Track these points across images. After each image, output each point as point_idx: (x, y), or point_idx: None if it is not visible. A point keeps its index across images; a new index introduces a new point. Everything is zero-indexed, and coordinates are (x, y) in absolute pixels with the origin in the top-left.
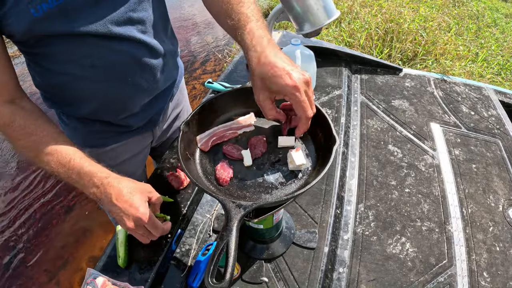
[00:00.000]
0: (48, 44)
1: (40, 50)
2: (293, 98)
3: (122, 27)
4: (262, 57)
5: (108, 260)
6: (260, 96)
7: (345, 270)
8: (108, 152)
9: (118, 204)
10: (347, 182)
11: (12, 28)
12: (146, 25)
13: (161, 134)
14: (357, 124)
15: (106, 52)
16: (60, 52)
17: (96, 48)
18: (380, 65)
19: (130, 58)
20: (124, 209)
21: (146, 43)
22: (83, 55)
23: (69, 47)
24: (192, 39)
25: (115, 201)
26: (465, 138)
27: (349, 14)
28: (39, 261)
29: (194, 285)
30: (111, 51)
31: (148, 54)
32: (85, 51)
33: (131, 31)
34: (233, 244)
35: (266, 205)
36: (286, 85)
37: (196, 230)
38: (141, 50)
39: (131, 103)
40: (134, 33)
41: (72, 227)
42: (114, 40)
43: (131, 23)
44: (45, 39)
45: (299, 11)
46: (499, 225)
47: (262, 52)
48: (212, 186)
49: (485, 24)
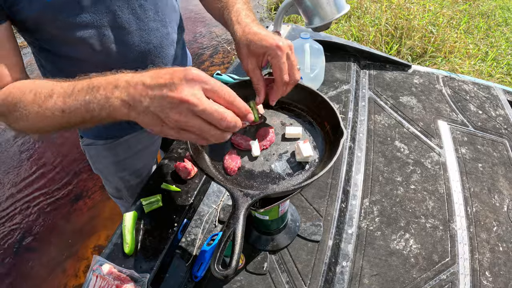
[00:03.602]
0: (61, 36)
1: (52, 43)
2: (274, 58)
3: (135, 15)
4: (246, 28)
5: (114, 247)
6: (249, 65)
7: (348, 264)
8: (122, 144)
9: (155, 80)
10: (353, 176)
11: (23, 13)
12: (159, 13)
13: None
14: (364, 119)
15: (119, 45)
16: (72, 46)
17: (109, 39)
18: (389, 61)
19: (144, 48)
20: (164, 81)
21: (159, 32)
22: (95, 48)
23: (82, 40)
24: (200, 32)
25: (149, 80)
26: (472, 137)
27: (358, 9)
28: (45, 249)
29: (199, 274)
30: (124, 42)
31: (161, 44)
32: (98, 43)
33: (144, 20)
34: (240, 232)
35: (273, 195)
36: (270, 44)
37: (202, 220)
38: (154, 39)
39: None
40: (147, 22)
41: (78, 216)
42: (127, 30)
43: (144, 11)
44: (56, 30)
45: (309, 5)
46: (503, 225)
47: (246, 25)
48: (220, 176)
49: (496, 23)
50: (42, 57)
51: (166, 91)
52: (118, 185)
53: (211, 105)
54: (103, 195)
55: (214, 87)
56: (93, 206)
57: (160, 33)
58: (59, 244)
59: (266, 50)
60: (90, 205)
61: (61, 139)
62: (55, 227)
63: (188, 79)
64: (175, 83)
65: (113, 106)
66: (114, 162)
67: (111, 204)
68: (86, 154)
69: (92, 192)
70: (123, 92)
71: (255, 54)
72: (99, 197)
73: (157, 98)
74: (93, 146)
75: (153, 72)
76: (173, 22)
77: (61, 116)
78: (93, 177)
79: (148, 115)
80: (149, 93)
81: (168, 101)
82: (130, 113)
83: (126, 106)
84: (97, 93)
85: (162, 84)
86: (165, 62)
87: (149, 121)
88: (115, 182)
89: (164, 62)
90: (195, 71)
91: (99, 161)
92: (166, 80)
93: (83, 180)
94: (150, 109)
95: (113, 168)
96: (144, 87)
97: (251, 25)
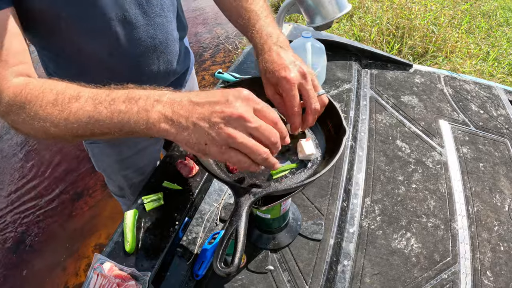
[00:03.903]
0: (67, 29)
1: (57, 36)
2: (284, 91)
3: (142, 9)
4: (267, 55)
5: (115, 246)
6: (268, 91)
7: (349, 263)
8: (126, 142)
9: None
10: (355, 175)
11: (30, 3)
12: (164, 9)
13: None
14: (365, 118)
15: (125, 39)
16: (78, 40)
17: (116, 33)
18: (390, 60)
19: (150, 44)
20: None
21: (164, 27)
22: (102, 42)
23: (88, 33)
24: (202, 31)
25: (197, 98)
26: (473, 137)
27: (360, 8)
28: (46, 248)
29: (200, 273)
30: (130, 36)
31: (166, 40)
32: (105, 37)
33: (150, 15)
34: (242, 230)
35: (275, 192)
36: (280, 77)
37: (203, 218)
38: (160, 35)
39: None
40: (153, 17)
41: (79, 215)
42: (134, 25)
43: (150, 6)
44: (63, 22)
45: (310, 4)
46: (504, 224)
47: (268, 51)
48: (222, 173)
49: (497, 23)
50: (46, 55)
51: (220, 107)
52: (121, 183)
53: (263, 123)
54: (104, 194)
55: (263, 108)
56: (94, 204)
57: (165, 29)
58: (59, 242)
59: (278, 81)
60: (91, 204)
61: None
62: (56, 225)
63: (242, 98)
64: (229, 100)
65: (152, 120)
66: (118, 161)
67: (112, 203)
68: (89, 152)
69: (93, 190)
70: (166, 106)
71: (271, 83)
72: (100, 195)
73: (208, 113)
74: (96, 145)
75: (198, 92)
76: (175, 19)
77: (86, 123)
78: (94, 175)
79: (194, 132)
80: (198, 110)
81: (222, 117)
82: (170, 129)
83: (168, 122)
84: (135, 105)
85: (214, 101)
86: (170, 58)
87: (193, 138)
88: (118, 180)
89: (168, 58)
90: (247, 92)
91: (102, 159)
92: (219, 98)
93: (84, 179)
94: (199, 125)
95: (116, 166)
96: (191, 104)
97: (274, 48)
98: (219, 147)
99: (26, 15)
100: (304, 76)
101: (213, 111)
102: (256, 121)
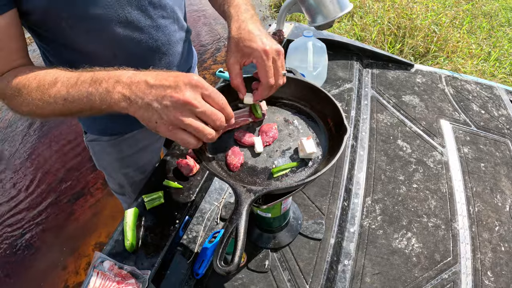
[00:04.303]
0: (68, 29)
1: (59, 35)
2: (259, 62)
3: (144, 11)
4: (243, 25)
5: (116, 244)
6: (231, 59)
7: (350, 262)
8: (127, 140)
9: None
10: (355, 175)
11: (30, 3)
12: (167, 10)
13: None
14: (366, 118)
15: (127, 41)
16: (79, 39)
17: (117, 34)
18: (391, 60)
19: (151, 45)
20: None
21: (167, 29)
22: (103, 42)
23: (90, 34)
24: (203, 30)
25: (153, 81)
26: (474, 137)
27: (361, 8)
28: (46, 246)
29: (200, 271)
30: (132, 38)
31: (169, 41)
32: (106, 37)
33: (153, 16)
34: (243, 228)
35: (276, 191)
36: (257, 47)
37: (204, 217)
38: (162, 37)
39: None
40: (156, 18)
41: (80, 213)
42: (136, 26)
43: (153, 8)
44: (65, 22)
45: (312, 3)
46: (505, 225)
47: (243, 22)
48: (222, 172)
49: (499, 23)
50: (48, 51)
51: (170, 91)
52: (121, 181)
53: (209, 108)
54: (105, 193)
55: (211, 93)
56: (94, 203)
57: (168, 30)
58: (60, 241)
59: (253, 51)
60: (92, 203)
61: (62, 135)
62: (56, 224)
63: (192, 84)
64: (179, 86)
65: (114, 100)
66: (118, 159)
67: (113, 202)
68: (90, 150)
69: (93, 189)
70: (125, 87)
71: (241, 52)
72: (100, 194)
73: (160, 97)
74: (97, 142)
75: (155, 73)
76: (181, 19)
77: (63, 104)
78: (94, 174)
79: (147, 110)
80: (152, 92)
81: (171, 101)
82: (129, 107)
83: (126, 101)
84: (99, 86)
85: (167, 86)
86: (172, 60)
87: (146, 116)
88: (119, 178)
89: (170, 59)
90: (197, 77)
91: (103, 157)
92: (171, 83)
93: (84, 177)
94: (152, 105)
95: (117, 164)
96: (147, 86)
97: (248, 22)
98: (167, 126)
99: (28, 17)
100: (278, 53)
101: (165, 95)
102: (202, 106)
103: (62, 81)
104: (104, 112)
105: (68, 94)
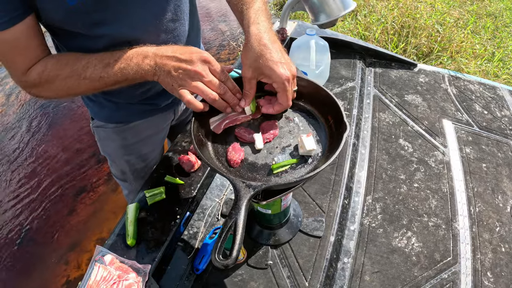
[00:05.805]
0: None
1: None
2: (282, 88)
3: (154, 16)
4: (264, 38)
5: (117, 238)
6: (249, 73)
7: (349, 260)
8: (132, 128)
9: (177, 53)
10: (356, 173)
11: (48, 15)
12: (178, 13)
13: (181, 112)
14: (369, 116)
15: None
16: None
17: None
18: (394, 59)
19: None
20: (185, 58)
21: (177, 31)
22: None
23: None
24: (206, 28)
25: (172, 53)
26: (476, 137)
27: (365, 7)
28: (48, 241)
29: (200, 267)
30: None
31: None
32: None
33: (163, 20)
34: (241, 222)
35: (275, 187)
36: (280, 74)
37: (205, 213)
38: (172, 39)
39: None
40: (165, 22)
41: (82, 209)
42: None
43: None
44: (79, 29)
45: (315, 2)
46: (506, 226)
47: (265, 33)
48: (223, 167)
49: (503, 24)
50: (62, 48)
51: (185, 64)
52: (123, 167)
53: (213, 78)
54: (107, 188)
55: (217, 68)
56: (96, 199)
57: (177, 32)
58: (62, 236)
59: (274, 76)
60: (94, 198)
61: (64, 132)
62: (58, 219)
63: (202, 60)
64: (193, 60)
65: (144, 70)
66: (122, 146)
67: (115, 197)
68: (96, 135)
69: (96, 185)
70: (152, 60)
71: (260, 70)
72: (102, 189)
73: (177, 67)
74: (102, 129)
75: (173, 48)
76: (191, 19)
77: (98, 81)
78: (97, 169)
79: (167, 77)
80: (171, 63)
81: (186, 70)
82: (155, 75)
83: (154, 70)
84: (131, 62)
85: (183, 59)
86: None
87: (166, 81)
88: (121, 164)
89: None
90: (207, 54)
91: (108, 143)
92: (187, 57)
93: (87, 173)
94: (171, 73)
95: (120, 151)
96: (168, 58)
97: (270, 33)
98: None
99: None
100: (293, 77)
101: (180, 66)
102: (208, 76)
103: (95, 63)
104: (136, 81)
105: (104, 72)
